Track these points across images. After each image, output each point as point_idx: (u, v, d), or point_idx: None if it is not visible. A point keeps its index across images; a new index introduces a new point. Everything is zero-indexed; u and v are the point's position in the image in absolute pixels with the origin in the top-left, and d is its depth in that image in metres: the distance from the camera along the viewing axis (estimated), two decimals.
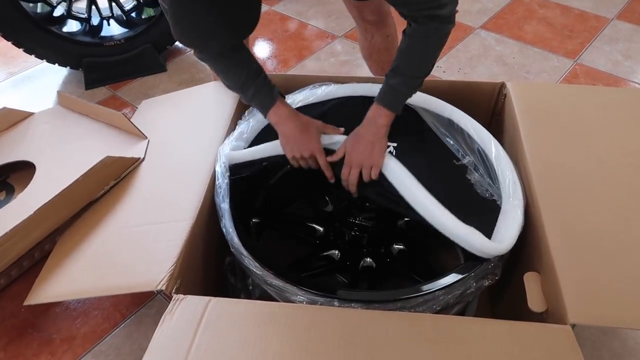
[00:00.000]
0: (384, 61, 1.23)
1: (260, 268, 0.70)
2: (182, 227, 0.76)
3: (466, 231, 0.71)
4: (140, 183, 0.89)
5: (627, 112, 0.91)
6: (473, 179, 0.83)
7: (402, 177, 0.79)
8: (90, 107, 1.11)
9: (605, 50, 1.66)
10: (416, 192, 0.77)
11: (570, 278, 0.62)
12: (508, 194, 0.76)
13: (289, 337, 0.58)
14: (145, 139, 0.98)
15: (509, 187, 0.77)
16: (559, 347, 0.55)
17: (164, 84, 1.61)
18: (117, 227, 0.82)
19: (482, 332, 0.58)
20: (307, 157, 0.84)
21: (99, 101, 1.56)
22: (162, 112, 1.12)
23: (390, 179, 0.80)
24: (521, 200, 0.75)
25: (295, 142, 0.83)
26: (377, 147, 0.80)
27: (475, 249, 0.70)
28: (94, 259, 0.78)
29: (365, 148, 0.80)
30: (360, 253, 0.89)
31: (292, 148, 0.84)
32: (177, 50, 1.76)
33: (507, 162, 0.81)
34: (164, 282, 0.67)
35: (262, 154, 0.88)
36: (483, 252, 0.70)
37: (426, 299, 0.65)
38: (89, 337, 0.96)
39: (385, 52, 1.20)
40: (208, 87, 1.15)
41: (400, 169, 0.80)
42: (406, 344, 0.56)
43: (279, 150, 0.86)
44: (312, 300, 0.67)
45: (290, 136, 0.83)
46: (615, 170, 0.78)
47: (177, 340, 0.59)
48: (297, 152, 0.84)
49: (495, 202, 0.78)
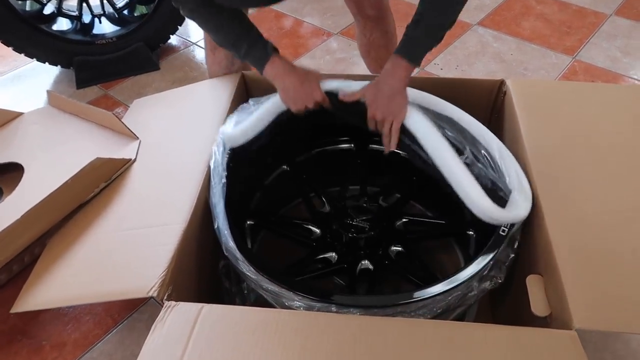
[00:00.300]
0: (382, 59, 1.21)
1: (255, 272, 0.68)
2: (175, 230, 0.73)
3: (481, 193, 0.71)
4: (131, 185, 0.86)
5: (628, 108, 0.89)
6: (476, 171, 0.81)
7: (424, 128, 0.78)
8: (80, 107, 1.08)
9: (604, 46, 1.65)
10: (438, 144, 0.77)
11: (574, 281, 0.60)
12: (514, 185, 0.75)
13: (285, 345, 0.56)
14: (136, 140, 0.96)
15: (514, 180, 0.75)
16: (564, 354, 0.53)
17: (157, 82, 1.59)
18: (108, 230, 0.79)
19: (485, 339, 0.56)
20: (312, 107, 0.82)
21: (90, 101, 1.53)
22: (155, 112, 1.09)
23: (412, 131, 0.79)
24: (529, 191, 0.73)
25: (297, 95, 0.82)
26: (396, 100, 0.79)
27: (489, 214, 0.70)
28: (84, 264, 0.75)
29: (384, 102, 0.79)
30: (358, 255, 0.86)
31: (295, 101, 0.82)
32: (170, 49, 1.74)
33: (511, 158, 0.79)
34: (156, 288, 0.65)
35: (263, 121, 0.86)
36: (497, 219, 0.69)
37: (426, 303, 0.63)
38: (80, 344, 0.93)
39: (384, 49, 1.18)
40: (202, 85, 1.13)
41: (423, 120, 0.79)
42: (407, 352, 0.54)
43: (280, 107, 0.85)
44: (309, 305, 0.64)
45: (291, 89, 0.82)
46: (618, 169, 0.76)
47: (168, 349, 0.56)
48: (301, 104, 0.82)
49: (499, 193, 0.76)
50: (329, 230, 0.91)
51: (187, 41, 1.79)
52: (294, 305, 0.65)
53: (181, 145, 0.92)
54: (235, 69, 1.06)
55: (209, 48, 1.08)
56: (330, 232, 0.90)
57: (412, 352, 0.55)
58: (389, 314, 0.63)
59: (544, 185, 0.73)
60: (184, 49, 1.75)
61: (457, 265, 0.97)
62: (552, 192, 0.72)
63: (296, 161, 1.05)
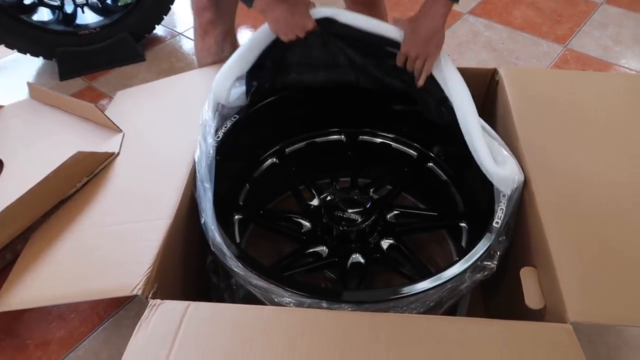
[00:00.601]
0: None
1: (243, 269, 0.66)
2: (160, 226, 0.71)
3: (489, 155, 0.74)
4: (115, 179, 0.84)
5: (622, 97, 0.88)
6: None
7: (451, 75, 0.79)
8: (62, 100, 1.05)
9: (595, 35, 1.64)
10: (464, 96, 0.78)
11: (569, 273, 0.59)
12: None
13: (274, 343, 0.54)
14: (120, 132, 0.93)
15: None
16: (559, 349, 0.52)
17: (142, 73, 1.55)
18: (91, 226, 0.77)
19: (479, 334, 0.54)
20: (303, 36, 0.82)
21: (74, 92, 1.49)
22: (139, 103, 1.06)
23: (442, 77, 0.80)
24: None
25: (287, 25, 0.81)
26: (434, 40, 0.78)
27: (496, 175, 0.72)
28: (66, 262, 0.73)
29: (421, 40, 0.78)
30: (349, 249, 0.85)
31: (286, 32, 0.81)
32: (156, 39, 1.69)
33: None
34: (140, 286, 0.63)
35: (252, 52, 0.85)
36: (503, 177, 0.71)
37: (418, 297, 0.62)
38: (65, 342, 0.91)
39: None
40: (188, 75, 1.10)
41: (453, 69, 0.80)
42: (399, 349, 0.53)
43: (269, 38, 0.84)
44: (299, 301, 0.63)
45: (281, 19, 0.80)
46: (613, 158, 0.75)
47: (153, 350, 0.54)
48: (292, 34, 0.81)
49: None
50: (319, 224, 0.89)
51: (174, 31, 1.75)
52: (283, 302, 0.63)
53: (166, 138, 0.89)
54: (225, 55, 1.04)
55: (199, 34, 1.05)
56: (321, 225, 0.89)
57: (404, 349, 0.53)
58: (381, 309, 0.61)
59: (538, 174, 0.72)
60: (170, 39, 1.71)
61: (450, 257, 0.96)
62: (547, 181, 0.71)
63: (286, 153, 1.03)
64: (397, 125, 1.02)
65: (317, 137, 1.06)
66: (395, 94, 0.87)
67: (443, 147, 0.97)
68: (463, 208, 0.91)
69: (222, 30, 1.05)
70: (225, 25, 1.05)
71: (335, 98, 0.97)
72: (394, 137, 1.03)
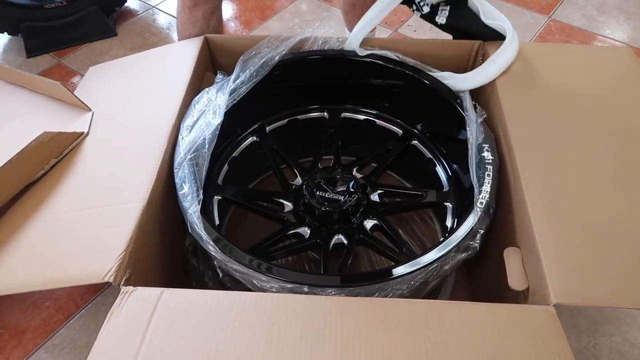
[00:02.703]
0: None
1: (221, 253, 0.63)
2: (133, 209, 0.67)
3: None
4: (84, 161, 0.79)
5: (609, 71, 0.86)
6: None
7: None
8: (27, 78, 0.98)
9: (580, 4, 1.61)
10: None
11: (552, 254, 0.58)
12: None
13: (250, 329, 0.52)
14: (89, 111, 0.88)
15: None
16: (541, 331, 0.51)
17: (114, 49, 1.48)
18: (59, 211, 0.73)
19: (462, 318, 0.53)
20: None
21: (43, 70, 1.42)
22: (110, 80, 1.01)
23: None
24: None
25: None
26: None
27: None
28: (33, 248, 0.69)
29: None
30: (332, 230, 0.83)
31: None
32: (128, 12, 1.62)
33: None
34: (112, 273, 0.60)
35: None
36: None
37: (399, 281, 0.60)
38: (40, 331, 0.88)
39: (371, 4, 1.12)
40: (162, 50, 1.05)
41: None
42: (381, 335, 0.51)
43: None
44: (280, 287, 0.61)
45: None
46: (601, 136, 0.73)
47: (125, 339, 0.52)
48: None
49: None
50: (300, 204, 0.87)
51: (146, 4, 1.67)
52: (264, 287, 0.61)
53: (139, 117, 0.85)
54: (209, 30, 0.99)
55: (187, 6, 1.00)
56: (303, 205, 0.86)
57: (387, 335, 0.52)
58: (362, 293, 0.59)
59: (523, 153, 0.70)
60: (143, 13, 1.63)
61: (435, 237, 0.95)
62: (533, 161, 0.69)
63: (266, 131, 0.99)
64: (380, 101, 0.99)
65: (299, 114, 1.02)
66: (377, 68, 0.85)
67: (427, 124, 0.95)
68: (448, 187, 0.89)
69: (212, 5, 1.01)
70: (216, 0, 1.01)
71: (318, 73, 0.94)
72: (377, 113, 1.01)
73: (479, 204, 0.67)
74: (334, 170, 0.89)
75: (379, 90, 0.96)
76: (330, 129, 1.01)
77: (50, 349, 0.86)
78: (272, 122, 1.00)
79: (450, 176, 0.89)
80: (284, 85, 0.96)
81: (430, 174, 0.93)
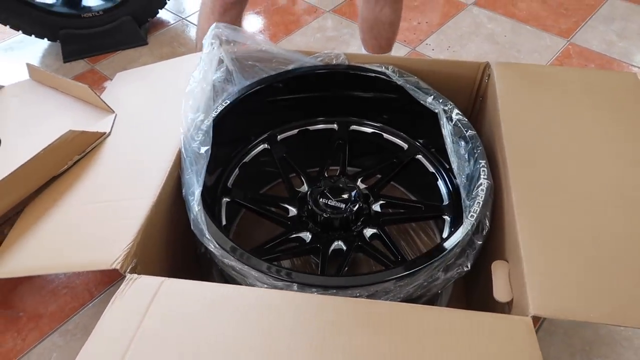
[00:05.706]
0: (383, 37, 1.19)
1: (219, 248, 0.67)
2: (143, 204, 0.73)
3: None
4: (104, 159, 0.86)
5: (615, 97, 0.87)
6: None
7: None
8: (59, 81, 1.07)
9: (600, 29, 1.61)
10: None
11: (536, 268, 0.60)
12: None
13: (240, 321, 0.56)
14: (112, 113, 0.95)
15: None
16: (515, 340, 0.53)
17: (144, 57, 1.57)
18: (78, 203, 0.79)
19: (440, 323, 0.55)
20: None
21: (77, 75, 1.52)
22: (136, 85, 1.08)
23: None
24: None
25: None
26: None
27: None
28: (52, 236, 0.75)
29: None
30: (332, 236, 0.86)
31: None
32: (159, 23, 1.71)
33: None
34: (119, 260, 0.65)
35: None
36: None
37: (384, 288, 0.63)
38: (56, 316, 0.94)
39: (389, 26, 1.16)
40: (187, 59, 1.11)
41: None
42: (360, 333, 0.54)
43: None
44: (272, 284, 0.64)
45: None
46: (596, 159, 0.75)
47: (124, 322, 0.57)
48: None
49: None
50: (304, 210, 0.90)
51: (178, 16, 1.76)
52: (257, 284, 0.65)
53: (157, 120, 0.91)
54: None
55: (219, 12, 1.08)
56: (306, 211, 0.90)
57: (366, 334, 0.54)
58: (349, 295, 0.63)
59: (518, 171, 0.72)
60: (174, 24, 1.72)
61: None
62: (526, 179, 0.71)
63: (277, 139, 1.04)
64: (388, 116, 1.02)
65: (309, 125, 1.07)
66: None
67: (432, 139, 0.98)
68: (447, 200, 0.92)
69: (239, 11, 1.10)
70: (243, 5, 1.10)
71: (328, 86, 0.98)
72: (385, 127, 1.04)
73: (469, 217, 0.70)
74: (339, 180, 0.93)
75: (384, 104, 0.99)
76: (339, 140, 1.05)
77: (63, 334, 0.92)
78: (284, 131, 1.05)
79: (450, 190, 0.92)
80: (295, 96, 1.00)
81: (432, 188, 0.95)
